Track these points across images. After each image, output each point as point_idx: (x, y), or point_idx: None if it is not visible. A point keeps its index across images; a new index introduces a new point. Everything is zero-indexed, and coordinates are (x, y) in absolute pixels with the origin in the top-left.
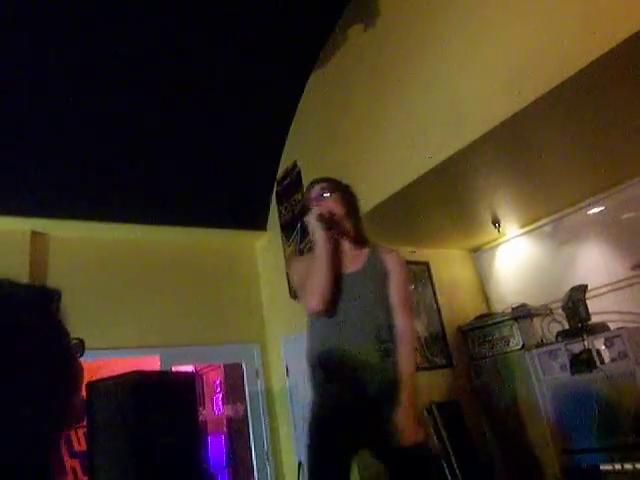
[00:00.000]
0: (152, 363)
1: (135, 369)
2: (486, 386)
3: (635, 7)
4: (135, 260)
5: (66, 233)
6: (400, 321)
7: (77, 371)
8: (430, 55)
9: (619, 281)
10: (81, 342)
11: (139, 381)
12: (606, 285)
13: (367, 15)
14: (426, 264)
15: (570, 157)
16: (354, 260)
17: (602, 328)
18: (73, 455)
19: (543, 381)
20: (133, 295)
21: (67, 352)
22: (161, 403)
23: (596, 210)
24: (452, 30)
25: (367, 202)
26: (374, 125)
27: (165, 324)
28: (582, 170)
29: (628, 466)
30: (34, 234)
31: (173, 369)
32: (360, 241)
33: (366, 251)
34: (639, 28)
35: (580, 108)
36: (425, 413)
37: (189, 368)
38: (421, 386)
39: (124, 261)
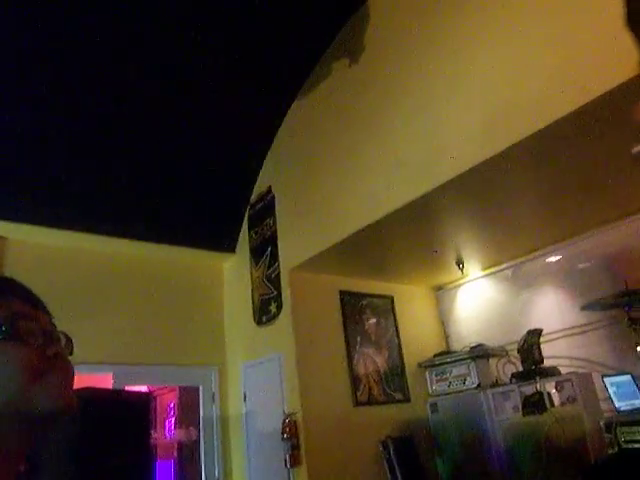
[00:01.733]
0: (104, 381)
1: (84, 386)
2: (441, 423)
3: (608, 67)
4: (96, 272)
5: (26, 238)
6: None
7: None
8: (411, 94)
9: (572, 327)
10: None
11: (87, 398)
12: (559, 331)
13: (352, 50)
14: (391, 298)
15: (534, 207)
16: None
17: (554, 372)
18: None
19: (496, 421)
20: (89, 307)
21: None
22: (111, 423)
23: (553, 259)
24: (434, 72)
25: (337, 234)
26: (351, 158)
27: (121, 340)
28: (544, 220)
29: None
30: None
31: (127, 389)
32: None
33: None
34: (611, 87)
35: (548, 160)
36: (380, 447)
37: (143, 388)
38: (378, 420)
39: (84, 272)
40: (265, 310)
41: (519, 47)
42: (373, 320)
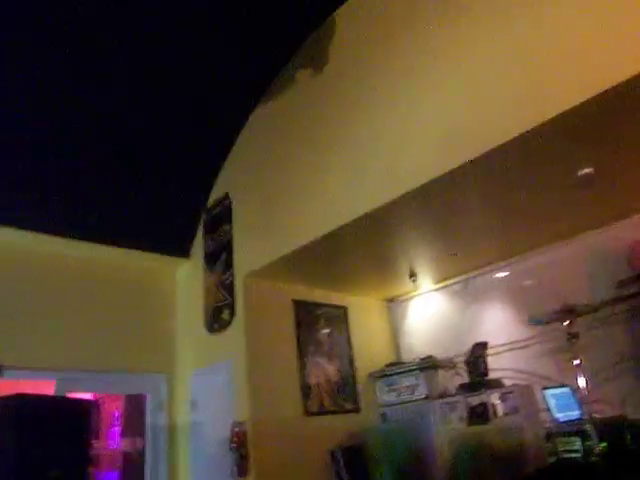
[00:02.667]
0: (47, 388)
1: (20, 392)
2: (390, 432)
3: (561, 89)
4: (42, 273)
5: None
6: None
7: None
8: (373, 106)
9: (516, 341)
10: None
11: (20, 405)
12: (505, 344)
13: (317, 60)
14: (344, 309)
15: (485, 223)
16: None
17: (498, 384)
18: None
19: (442, 430)
20: (33, 310)
21: None
22: (47, 430)
23: (501, 275)
24: (396, 86)
25: (292, 243)
26: (309, 168)
27: (66, 345)
28: (494, 236)
29: None
30: None
31: (70, 396)
32: None
33: None
34: (563, 109)
35: (500, 178)
36: (329, 457)
37: (87, 396)
38: (328, 429)
39: (27, 272)
40: (217, 317)
41: (478, 66)
42: (326, 330)
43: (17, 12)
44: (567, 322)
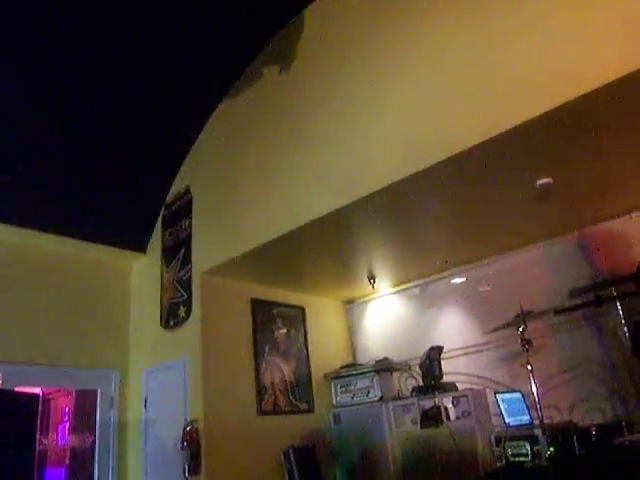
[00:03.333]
0: None
1: None
2: (343, 433)
3: (516, 104)
4: None
5: None
6: None
7: None
8: (338, 108)
9: (471, 346)
10: None
11: None
12: (459, 349)
13: (284, 57)
14: (302, 309)
15: (444, 229)
16: None
17: (451, 387)
18: None
19: (395, 432)
20: None
21: None
22: None
23: (458, 280)
24: (361, 89)
25: (252, 240)
26: (274, 166)
27: (13, 337)
28: (452, 242)
29: None
30: None
31: (16, 389)
32: None
33: None
34: (525, 119)
35: (454, 188)
36: (281, 457)
37: (36, 390)
38: (281, 429)
39: None
40: (173, 314)
41: (441, 71)
42: (283, 330)
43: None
44: (521, 329)
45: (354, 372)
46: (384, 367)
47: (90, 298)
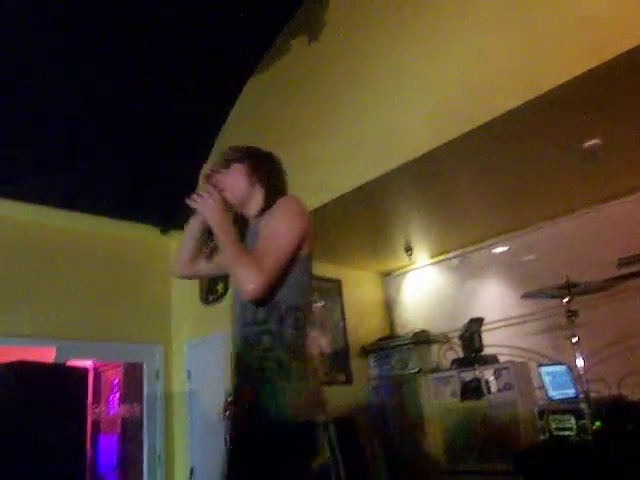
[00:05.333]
0: (47, 355)
1: (21, 359)
2: (382, 405)
3: (569, 56)
4: (40, 243)
5: None
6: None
7: None
8: (366, 76)
9: (512, 318)
10: None
11: (22, 371)
12: (500, 320)
13: (313, 27)
14: (338, 282)
15: (482, 197)
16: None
17: (492, 360)
18: None
19: (435, 404)
20: (33, 279)
21: None
22: (46, 396)
23: (500, 250)
24: (388, 57)
25: None
26: (305, 138)
27: (65, 314)
28: (492, 210)
29: None
30: None
31: (70, 363)
32: (261, 212)
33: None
34: (569, 77)
35: (495, 153)
36: (321, 428)
37: (87, 363)
38: None
39: (28, 243)
40: (212, 289)
41: (480, 31)
42: (320, 303)
43: None
44: (567, 299)
45: (392, 344)
46: (422, 339)
47: (134, 276)
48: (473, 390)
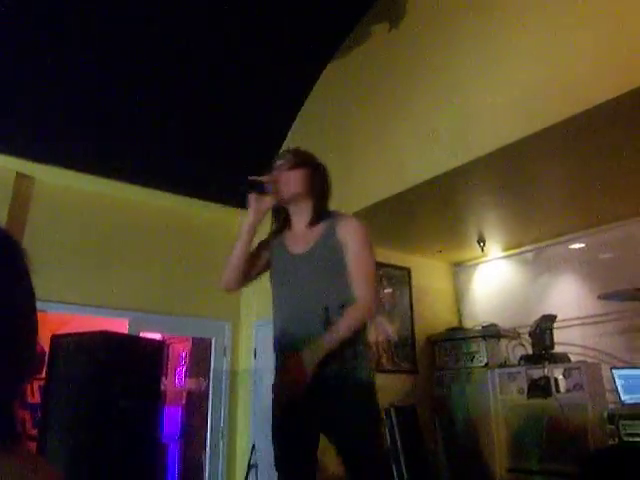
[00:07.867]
0: (119, 326)
1: (101, 329)
2: (446, 396)
3: None
4: (117, 219)
5: (53, 180)
6: (359, 292)
7: (35, 321)
8: (446, 65)
9: (587, 317)
10: None
11: (105, 341)
12: (574, 318)
13: (393, 15)
14: (407, 270)
15: (561, 191)
16: (304, 240)
17: (563, 358)
18: (24, 407)
19: (500, 400)
20: (109, 253)
21: (27, 302)
22: (125, 366)
23: (577, 246)
24: (470, 46)
25: (362, 201)
26: (382, 125)
27: (138, 288)
28: (570, 205)
29: None
30: (19, 175)
31: (141, 335)
32: (316, 221)
33: (320, 228)
34: None
35: (581, 146)
36: (383, 415)
37: (157, 336)
38: (384, 388)
39: (106, 218)
40: None
41: (562, 26)
42: (388, 290)
43: None
44: None
45: (460, 336)
46: (491, 333)
47: (205, 254)
48: (541, 388)
